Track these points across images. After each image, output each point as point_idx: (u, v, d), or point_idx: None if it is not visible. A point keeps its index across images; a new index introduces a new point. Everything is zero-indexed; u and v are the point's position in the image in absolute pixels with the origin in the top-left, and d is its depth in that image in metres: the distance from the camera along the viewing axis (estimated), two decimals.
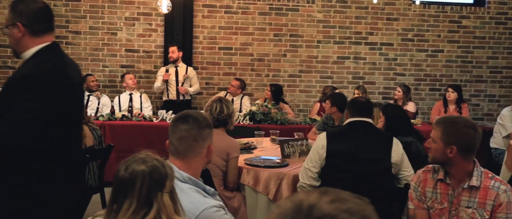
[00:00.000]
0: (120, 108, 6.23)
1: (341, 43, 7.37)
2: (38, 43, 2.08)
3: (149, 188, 1.38)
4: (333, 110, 4.50)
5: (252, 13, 7.18)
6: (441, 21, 7.46)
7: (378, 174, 2.77)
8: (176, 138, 1.84)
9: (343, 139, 2.88)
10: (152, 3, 6.96)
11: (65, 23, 6.86)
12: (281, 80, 7.28)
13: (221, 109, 3.18)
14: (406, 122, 3.56)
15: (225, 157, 3.14)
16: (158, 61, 7.10)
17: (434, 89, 7.62)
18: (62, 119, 2.02)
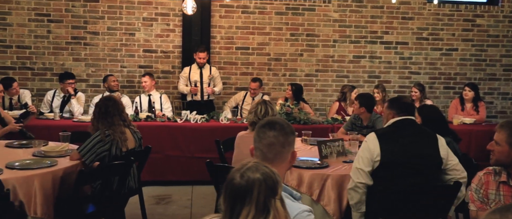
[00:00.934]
0: (141, 109, 6.25)
1: (357, 42, 7.42)
2: None
3: (265, 195, 1.42)
4: (361, 110, 4.55)
5: (269, 13, 7.22)
6: (455, 20, 7.52)
7: (431, 170, 2.83)
8: (265, 145, 1.89)
9: (394, 138, 2.91)
10: (170, 4, 6.99)
11: (83, 24, 6.87)
12: (298, 80, 7.32)
13: (266, 111, 3.23)
14: (443, 122, 3.61)
15: None
16: (176, 61, 7.13)
17: (448, 87, 7.69)
18: None
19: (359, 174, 2.89)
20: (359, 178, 2.87)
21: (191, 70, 6.48)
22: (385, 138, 2.93)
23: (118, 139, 3.42)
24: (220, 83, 6.62)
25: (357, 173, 2.90)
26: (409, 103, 3.15)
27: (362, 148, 3.01)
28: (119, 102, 3.57)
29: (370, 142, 2.90)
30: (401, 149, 2.84)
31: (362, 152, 2.94)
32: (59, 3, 6.77)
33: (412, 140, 2.89)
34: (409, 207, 2.80)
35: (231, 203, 1.43)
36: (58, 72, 6.86)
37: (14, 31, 6.74)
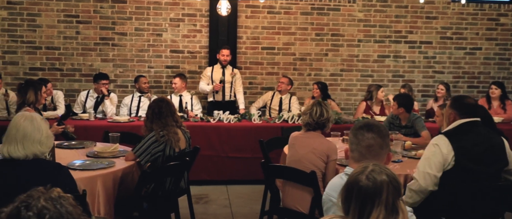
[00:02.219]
0: None
1: (381, 42, 7.46)
2: None
3: (393, 197, 1.47)
4: (400, 111, 4.59)
5: (294, 13, 7.26)
6: (479, 19, 7.55)
7: (499, 172, 2.86)
8: (364, 146, 1.93)
9: (466, 140, 2.84)
10: (197, 4, 7.04)
11: (111, 25, 6.93)
12: (323, 79, 7.35)
13: (321, 112, 3.27)
14: (492, 122, 3.64)
15: (325, 159, 3.23)
16: (203, 61, 7.17)
17: (472, 86, 7.72)
18: None
19: (429, 179, 2.77)
20: (428, 184, 2.77)
21: (213, 70, 6.51)
22: (457, 141, 2.83)
23: (172, 140, 3.47)
24: (241, 86, 6.59)
25: (427, 177, 2.78)
26: (474, 104, 3.06)
27: (433, 152, 2.84)
28: (171, 104, 3.63)
29: (442, 146, 2.80)
30: (473, 151, 2.81)
31: (433, 156, 2.81)
32: (87, 4, 6.83)
33: (481, 142, 2.85)
34: (477, 208, 2.83)
35: (359, 205, 1.46)
36: (86, 73, 6.94)
37: (43, 33, 6.80)
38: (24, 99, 4.42)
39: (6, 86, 6.34)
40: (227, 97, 6.55)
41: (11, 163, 2.42)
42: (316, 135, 3.31)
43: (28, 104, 4.40)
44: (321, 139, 3.29)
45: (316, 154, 3.21)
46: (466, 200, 2.86)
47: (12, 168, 2.41)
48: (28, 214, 1.18)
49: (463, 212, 2.86)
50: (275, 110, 6.57)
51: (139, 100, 6.34)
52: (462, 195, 2.85)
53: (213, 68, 6.50)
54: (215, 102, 6.47)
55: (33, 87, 4.42)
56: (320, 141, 3.26)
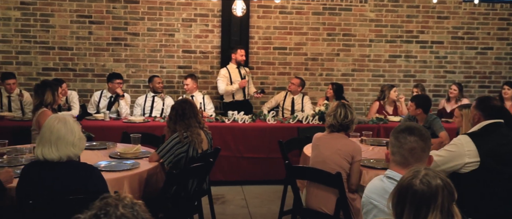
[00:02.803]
0: None
1: (393, 41, 7.46)
2: None
3: (448, 201, 1.48)
4: (418, 111, 4.60)
5: (306, 13, 7.26)
6: (490, 19, 7.55)
7: None
8: (406, 149, 1.94)
9: (491, 141, 2.83)
10: (209, 4, 7.05)
11: (124, 25, 6.94)
12: (334, 79, 7.36)
13: (346, 114, 3.28)
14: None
15: (350, 160, 3.24)
16: (215, 61, 7.19)
17: (483, 86, 7.72)
18: None
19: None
20: None
21: (229, 70, 6.51)
22: (483, 142, 2.83)
23: (195, 141, 3.49)
24: (252, 83, 6.69)
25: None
26: (499, 106, 3.06)
27: (454, 149, 2.84)
28: (195, 105, 3.64)
29: (464, 147, 2.79)
30: (498, 152, 2.80)
31: (448, 153, 2.82)
32: (100, 4, 6.85)
33: (506, 143, 2.83)
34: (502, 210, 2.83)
35: (414, 209, 1.47)
36: (99, 73, 6.96)
37: (56, 33, 6.82)
38: (42, 100, 4.42)
39: (20, 86, 6.36)
40: (246, 96, 6.58)
41: (46, 165, 2.44)
42: (340, 136, 3.32)
43: (45, 105, 4.41)
44: (346, 140, 3.31)
45: (341, 155, 3.23)
46: (492, 202, 2.86)
47: (48, 170, 2.42)
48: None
49: (488, 213, 2.86)
50: (288, 110, 6.58)
51: (152, 100, 6.35)
52: (488, 196, 2.85)
53: (228, 69, 6.49)
54: (234, 102, 6.45)
55: (50, 87, 4.42)
56: (344, 142, 3.28)
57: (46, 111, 4.35)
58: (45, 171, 2.44)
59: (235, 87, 6.36)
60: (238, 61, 6.42)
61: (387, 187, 1.91)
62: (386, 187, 1.91)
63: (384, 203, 1.85)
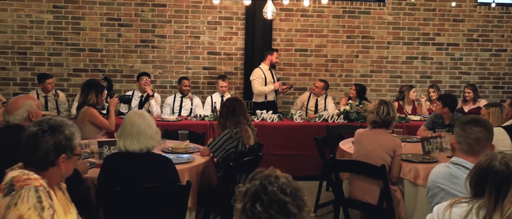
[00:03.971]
0: (212, 108, 6.55)
1: (410, 44, 7.71)
2: None
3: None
4: (444, 110, 4.83)
5: (326, 16, 7.51)
6: (504, 22, 7.80)
7: None
8: (473, 139, 2.18)
9: None
10: (233, 8, 7.30)
11: (152, 27, 7.19)
12: (353, 80, 7.61)
13: (388, 111, 3.52)
14: None
15: (392, 154, 3.48)
16: (238, 63, 7.43)
17: (497, 87, 7.96)
18: None
19: None
20: None
21: (263, 71, 6.69)
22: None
23: (244, 136, 3.72)
24: None
25: None
26: None
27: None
28: (243, 103, 3.87)
29: (497, 136, 3.07)
30: None
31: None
32: (129, 8, 7.09)
33: None
34: None
35: (495, 187, 1.70)
36: (127, 74, 7.20)
37: (87, 35, 7.07)
38: (86, 99, 4.66)
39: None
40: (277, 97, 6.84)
41: (127, 156, 2.67)
42: (382, 132, 3.56)
43: (88, 104, 4.65)
44: (388, 135, 3.55)
45: (384, 149, 3.46)
46: None
47: (130, 161, 2.66)
48: (273, 188, 1.42)
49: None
50: (311, 110, 6.81)
51: (181, 100, 6.59)
52: None
53: (262, 70, 6.65)
54: (263, 102, 6.64)
55: (95, 89, 4.66)
56: (387, 137, 3.52)
57: (90, 109, 4.59)
58: (127, 162, 2.68)
59: (270, 88, 6.55)
60: (273, 63, 6.63)
61: (454, 172, 2.16)
62: (453, 172, 2.16)
63: (451, 187, 2.10)
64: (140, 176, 2.64)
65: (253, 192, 1.43)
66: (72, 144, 1.96)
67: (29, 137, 1.92)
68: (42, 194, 1.78)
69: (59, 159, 1.92)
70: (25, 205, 1.72)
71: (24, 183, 1.77)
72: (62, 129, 1.94)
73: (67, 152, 1.94)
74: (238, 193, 1.48)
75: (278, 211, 1.38)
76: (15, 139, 2.72)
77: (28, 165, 1.90)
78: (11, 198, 1.74)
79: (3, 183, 1.81)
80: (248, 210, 1.41)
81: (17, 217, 1.70)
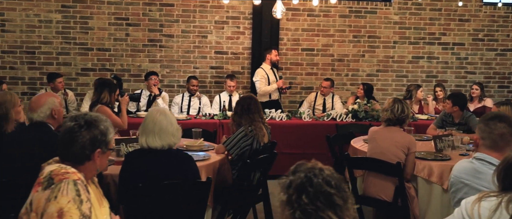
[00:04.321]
0: (220, 107, 6.58)
1: (416, 43, 7.75)
2: None
3: None
4: (455, 109, 4.86)
5: (333, 15, 7.55)
6: (510, 21, 7.84)
7: None
8: (497, 134, 2.22)
9: None
10: (240, 7, 7.33)
11: (159, 27, 7.22)
12: (359, 79, 7.65)
13: (403, 109, 3.56)
14: None
15: (406, 151, 3.52)
16: (245, 62, 7.47)
17: (502, 86, 8.00)
18: None
19: None
20: None
21: (266, 71, 6.74)
22: None
23: (258, 134, 3.76)
24: None
25: None
26: None
27: None
28: (258, 101, 3.91)
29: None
30: None
31: None
32: (137, 7, 7.12)
33: None
34: None
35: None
36: (135, 73, 7.23)
37: (95, 35, 7.10)
38: (99, 97, 4.69)
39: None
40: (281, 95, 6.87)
41: (149, 153, 2.70)
42: (397, 129, 3.60)
43: (101, 102, 4.67)
44: (402, 133, 3.58)
45: (398, 146, 3.50)
46: None
47: (153, 156, 2.69)
48: (318, 180, 1.46)
49: None
50: (319, 110, 6.84)
51: (189, 99, 6.62)
52: None
53: (264, 70, 6.69)
54: (269, 102, 6.66)
55: (108, 88, 4.68)
56: (401, 135, 3.55)
57: (103, 107, 4.62)
58: (149, 158, 2.71)
59: (274, 87, 6.57)
60: (272, 61, 6.64)
61: (478, 167, 2.20)
62: (477, 168, 2.20)
63: (476, 182, 2.13)
64: (162, 173, 2.67)
65: (298, 184, 1.46)
66: (107, 139, 2.00)
67: (66, 132, 1.95)
68: (80, 187, 1.81)
69: (95, 154, 1.96)
70: (64, 198, 1.75)
71: (63, 177, 1.80)
72: (98, 124, 1.98)
73: (102, 146, 1.97)
74: (282, 185, 1.51)
75: (324, 203, 1.42)
76: (39, 136, 2.77)
77: (64, 159, 1.94)
78: (51, 191, 1.77)
79: (42, 177, 1.85)
80: (294, 202, 1.44)
81: (57, 210, 1.73)
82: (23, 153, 2.75)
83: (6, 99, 3.12)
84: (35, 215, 1.77)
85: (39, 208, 1.76)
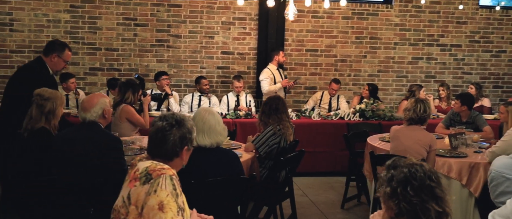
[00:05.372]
0: (229, 107, 6.72)
1: (416, 44, 8.00)
2: None
3: None
4: (463, 108, 5.09)
5: (336, 17, 7.74)
6: (504, 24, 8.15)
7: None
8: None
9: None
10: (247, 9, 7.47)
11: (167, 27, 7.31)
12: (361, 80, 7.87)
13: (425, 109, 3.75)
14: None
15: (428, 149, 3.71)
16: (251, 62, 7.61)
17: (497, 86, 8.31)
18: None
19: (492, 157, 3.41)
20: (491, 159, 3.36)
21: (272, 71, 6.89)
22: None
23: (286, 133, 3.91)
24: None
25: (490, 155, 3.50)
26: None
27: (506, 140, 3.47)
28: (285, 101, 4.06)
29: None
30: None
31: (504, 143, 3.43)
32: (145, 8, 7.20)
33: None
34: None
35: None
36: (143, 73, 7.30)
37: (103, 35, 7.15)
38: (123, 97, 4.79)
39: None
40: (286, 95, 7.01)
41: (200, 151, 2.83)
42: (418, 128, 3.79)
43: (125, 102, 4.78)
44: (424, 131, 3.78)
45: (421, 144, 3.69)
46: None
47: (204, 154, 2.82)
48: (421, 175, 1.61)
49: None
50: (324, 109, 7.03)
51: (199, 99, 6.74)
52: None
53: (270, 70, 6.84)
54: None
55: (132, 88, 4.79)
56: (423, 133, 3.75)
57: (127, 106, 4.73)
58: (198, 156, 2.83)
59: (278, 86, 6.70)
60: (280, 62, 6.79)
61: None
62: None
63: None
64: (210, 170, 2.80)
65: (402, 178, 1.62)
66: (192, 137, 2.14)
67: (158, 131, 2.08)
68: (175, 182, 1.94)
69: (183, 150, 2.09)
70: (164, 192, 1.88)
71: (160, 172, 1.93)
72: (185, 122, 2.12)
73: (189, 144, 2.11)
74: (383, 179, 1.66)
75: (428, 195, 1.58)
76: (90, 135, 2.88)
77: (155, 156, 2.07)
78: (150, 185, 1.90)
79: (138, 172, 1.97)
80: (399, 194, 1.59)
81: (158, 203, 1.86)
82: (75, 151, 2.86)
83: (57, 96, 3.25)
84: (135, 208, 1.89)
85: (139, 202, 1.89)
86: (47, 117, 3.17)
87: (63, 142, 2.93)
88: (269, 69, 6.83)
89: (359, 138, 5.04)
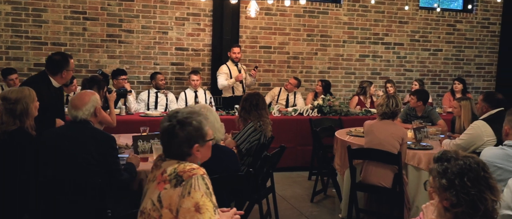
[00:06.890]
0: (186, 103, 6.62)
1: (363, 43, 8.35)
2: None
3: None
4: (419, 103, 5.42)
5: (288, 15, 7.88)
6: (440, 25, 8.74)
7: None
8: None
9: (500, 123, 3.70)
10: (201, 4, 7.39)
11: (119, 22, 7.03)
12: (313, 76, 8.09)
13: (396, 103, 3.94)
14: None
15: (400, 142, 3.91)
16: (206, 59, 7.54)
17: (434, 82, 8.91)
18: None
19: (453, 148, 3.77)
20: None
21: (229, 67, 6.90)
22: (496, 124, 3.64)
23: (266, 129, 3.94)
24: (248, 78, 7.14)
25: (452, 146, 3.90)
26: (501, 98, 4.02)
27: (469, 134, 3.83)
28: (263, 98, 4.07)
29: (481, 128, 3.75)
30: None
31: (467, 136, 3.82)
32: (95, 1, 6.88)
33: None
34: None
35: None
36: (93, 69, 6.98)
37: (49, 28, 6.73)
38: None
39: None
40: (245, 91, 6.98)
41: None
42: (391, 122, 3.98)
43: None
44: (396, 125, 3.97)
45: (394, 137, 3.88)
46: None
47: None
48: (475, 166, 1.68)
49: None
50: (282, 105, 7.13)
51: (156, 96, 6.57)
52: None
53: (227, 65, 6.86)
54: (229, 98, 6.83)
55: (97, 85, 4.57)
56: (396, 127, 3.94)
57: None
58: None
59: (232, 81, 6.73)
60: (232, 58, 6.79)
61: (510, 153, 2.62)
62: (510, 153, 2.62)
63: (509, 165, 2.54)
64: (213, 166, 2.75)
65: (458, 170, 1.69)
66: (203, 132, 2.04)
67: (164, 133, 2.00)
68: (207, 181, 1.89)
69: (193, 149, 2.02)
70: (198, 192, 1.82)
71: (191, 173, 1.86)
72: (190, 120, 2.03)
73: (199, 141, 2.03)
74: (435, 172, 1.72)
75: (484, 185, 1.67)
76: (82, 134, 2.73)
77: (169, 157, 1.99)
78: (183, 188, 1.83)
79: (166, 175, 1.89)
80: (457, 185, 1.66)
81: (194, 204, 1.80)
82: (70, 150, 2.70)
83: (25, 94, 3.01)
84: (169, 211, 1.82)
85: (172, 205, 1.82)
86: (21, 119, 2.94)
87: (57, 140, 2.75)
88: (227, 65, 6.86)
89: (325, 133, 5.19)
